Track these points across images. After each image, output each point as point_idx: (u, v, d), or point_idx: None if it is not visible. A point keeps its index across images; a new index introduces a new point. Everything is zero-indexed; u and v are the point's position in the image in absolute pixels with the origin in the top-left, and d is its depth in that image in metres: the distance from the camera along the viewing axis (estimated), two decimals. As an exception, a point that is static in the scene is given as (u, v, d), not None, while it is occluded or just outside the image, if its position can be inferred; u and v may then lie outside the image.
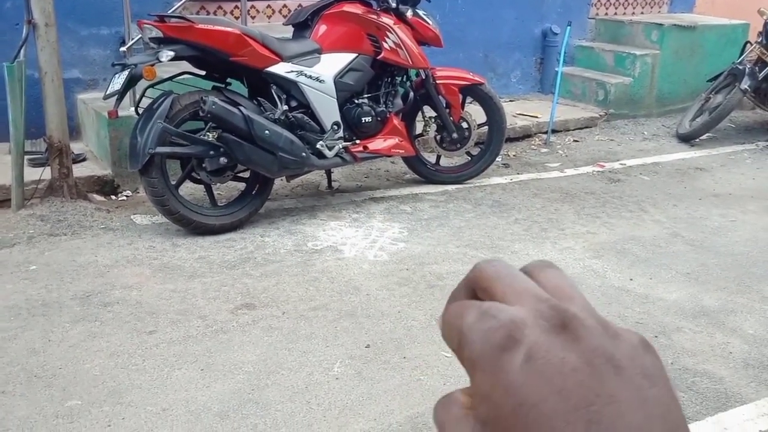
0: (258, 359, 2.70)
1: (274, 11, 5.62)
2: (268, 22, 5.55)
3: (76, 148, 4.62)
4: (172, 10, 4.53)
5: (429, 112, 4.59)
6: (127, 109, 4.09)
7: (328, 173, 4.57)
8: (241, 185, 4.05)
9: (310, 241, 3.78)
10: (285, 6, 5.62)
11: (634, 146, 5.92)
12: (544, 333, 0.28)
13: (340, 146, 4.10)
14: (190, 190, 4.21)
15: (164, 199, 3.65)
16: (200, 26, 3.65)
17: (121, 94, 3.56)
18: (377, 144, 4.25)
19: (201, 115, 3.65)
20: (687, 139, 6.01)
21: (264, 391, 2.51)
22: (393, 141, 4.30)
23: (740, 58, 6.04)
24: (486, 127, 4.72)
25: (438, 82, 4.45)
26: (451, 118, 4.54)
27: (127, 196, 4.39)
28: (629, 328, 0.32)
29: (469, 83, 4.56)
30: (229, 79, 3.94)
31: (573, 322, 0.29)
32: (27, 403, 2.41)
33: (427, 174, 4.73)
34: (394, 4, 4.24)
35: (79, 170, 4.37)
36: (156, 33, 3.59)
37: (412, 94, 4.52)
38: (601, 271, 3.54)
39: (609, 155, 5.63)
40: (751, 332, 3.01)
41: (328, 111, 4.06)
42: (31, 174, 4.12)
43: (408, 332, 2.91)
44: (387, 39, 4.18)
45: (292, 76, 3.93)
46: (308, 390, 2.52)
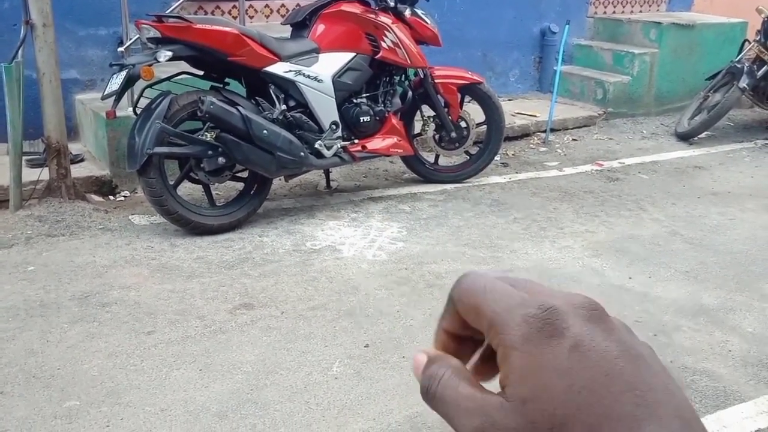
0: (256, 359, 2.69)
1: (272, 11, 5.62)
2: (266, 22, 5.55)
3: (74, 148, 4.61)
4: (170, 10, 4.53)
5: (427, 111, 4.59)
6: (125, 110, 4.08)
7: (327, 173, 4.56)
8: (240, 185, 4.04)
9: (309, 241, 3.77)
10: (283, 5, 5.62)
11: (633, 145, 5.92)
12: (584, 321, 0.31)
13: (339, 146, 4.10)
14: (189, 190, 4.20)
15: (162, 199, 3.65)
16: (198, 26, 3.65)
17: (119, 95, 3.55)
18: (376, 143, 4.24)
19: (199, 115, 3.65)
20: (685, 138, 6.02)
21: (263, 391, 2.51)
22: (391, 140, 4.30)
23: (739, 57, 6.04)
24: (485, 126, 4.72)
25: (436, 81, 4.45)
26: (450, 118, 4.53)
27: (125, 197, 4.39)
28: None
29: (467, 82, 4.55)
30: (227, 79, 3.93)
31: (603, 315, 0.32)
32: (25, 404, 2.41)
33: (425, 173, 4.72)
34: (392, 3, 4.23)
35: (77, 171, 4.37)
36: (154, 33, 3.59)
37: (410, 94, 4.51)
38: (600, 270, 3.54)
39: (608, 154, 5.63)
40: (750, 330, 3.01)
41: (327, 110, 4.06)
42: (29, 174, 4.11)
43: (407, 331, 2.91)
44: (385, 38, 4.18)
45: (291, 76, 3.93)
46: (307, 390, 2.52)
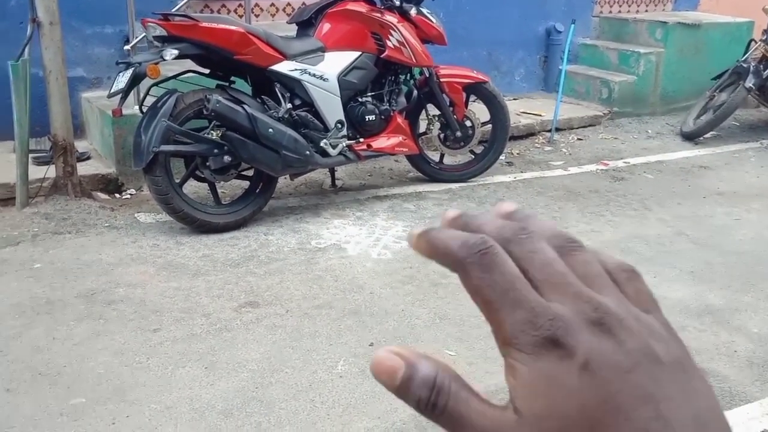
0: (262, 357, 2.70)
1: (277, 9, 5.62)
2: (271, 21, 5.56)
3: (81, 146, 4.62)
4: (176, 8, 4.54)
5: (433, 110, 4.58)
6: (132, 108, 4.09)
7: (332, 171, 4.57)
8: (245, 183, 4.05)
9: (314, 240, 3.78)
10: (289, 4, 5.62)
11: (638, 144, 5.91)
12: (593, 336, 0.30)
13: (344, 144, 4.10)
14: (194, 189, 4.21)
15: (168, 197, 3.66)
16: (204, 25, 3.65)
17: (125, 93, 3.56)
18: (381, 142, 4.25)
19: (205, 113, 3.65)
20: (691, 138, 6.00)
21: (268, 389, 2.51)
22: (397, 139, 4.30)
23: (745, 56, 6.02)
24: (490, 126, 4.72)
25: (442, 80, 4.45)
26: (455, 117, 4.53)
27: (131, 195, 4.40)
28: (647, 304, 0.32)
29: (472, 81, 4.55)
30: (233, 78, 3.94)
31: (613, 321, 0.30)
32: (32, 401, 2.42)
33: (430, 172, 4.72)
34: (397, 2, 4.23)
35: (84, 168, 4.38)
36: (160, 31, 3.60)
37: (415, 93, 4.51)
38: (605, 270, 3.53)
39: (613, 153, 5.62)
40: (756, 331, 3.01)
41: (332, 109, 4.06)
42: (36, 172, 4.12)
43: (412, 330, 2.91)
44: (391, 37, 4.18)
45: (296, 75, 3.93)
46: (312, 388, 2.52)
